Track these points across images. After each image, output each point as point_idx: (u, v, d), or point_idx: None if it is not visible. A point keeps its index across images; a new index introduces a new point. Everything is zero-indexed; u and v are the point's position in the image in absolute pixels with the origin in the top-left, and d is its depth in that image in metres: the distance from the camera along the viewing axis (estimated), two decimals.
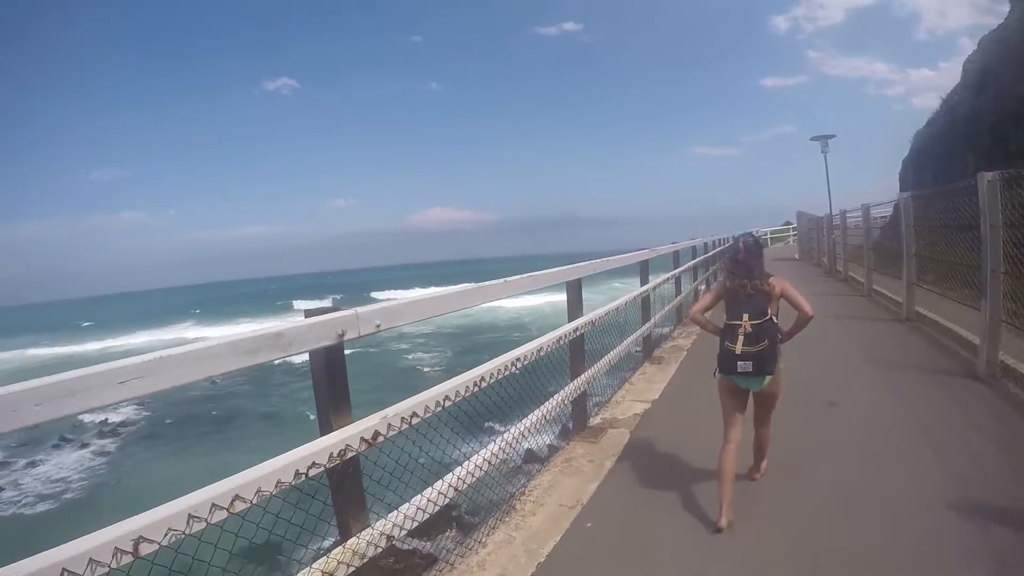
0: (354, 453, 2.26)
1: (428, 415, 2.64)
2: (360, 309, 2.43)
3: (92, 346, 42.56)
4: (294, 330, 2.20)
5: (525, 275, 3.93)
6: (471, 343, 26.10)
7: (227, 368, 1.91)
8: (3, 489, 12.98)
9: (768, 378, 3.20)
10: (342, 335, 2.35)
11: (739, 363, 3.13)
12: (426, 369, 22.49)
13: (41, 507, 12.07)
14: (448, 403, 2.80)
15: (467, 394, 2.97)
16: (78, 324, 65.25)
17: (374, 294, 56.83)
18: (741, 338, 3.13)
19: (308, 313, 2.33)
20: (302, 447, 2.08)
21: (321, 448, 2.13)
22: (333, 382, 2.35)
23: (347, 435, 2.24)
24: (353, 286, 77.62)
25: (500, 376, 3.30)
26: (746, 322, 3.14)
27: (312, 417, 2.57)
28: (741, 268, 3.25)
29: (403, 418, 2.49)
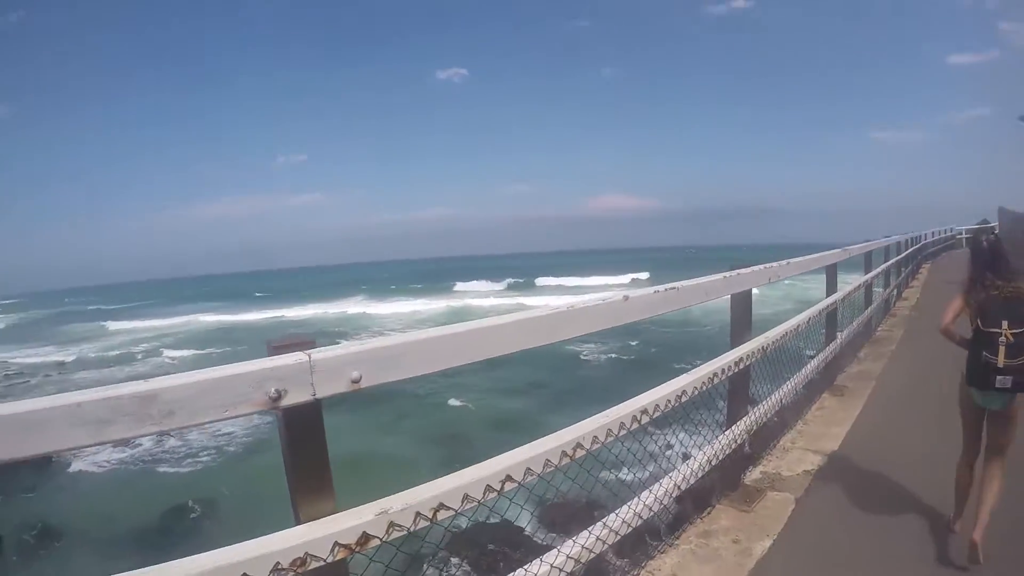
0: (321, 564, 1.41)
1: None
2: (319, 353, 1.48)
3: (258, 315, 46.83)
4: (178, 390, 1.18)
5: (662, 288, 2.59)
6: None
7: (62, 445, 1.20)
8: (171, 437, 14.15)
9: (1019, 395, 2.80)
10: (277, 397, 1.28)
11: (998, 378, 2.73)
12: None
13: (206, 457, 13.32)
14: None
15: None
16: (253, 294, 71.77)
17: (540, 280, 56.63)
18: (1003, 349, 2.72)
19: (272, 349, 1.49)
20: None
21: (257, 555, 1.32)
22: (296, 451, 1.54)
23: (313, 536, 1.41)
24: (524, 270, 75.87)
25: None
26: (1006, 330, 2.72)
27: None
28: (999, 267, 2.90)
29: (424, 512, 1.59)
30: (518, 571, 2.03)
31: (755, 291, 3.74)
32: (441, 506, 1.58)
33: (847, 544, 3.03)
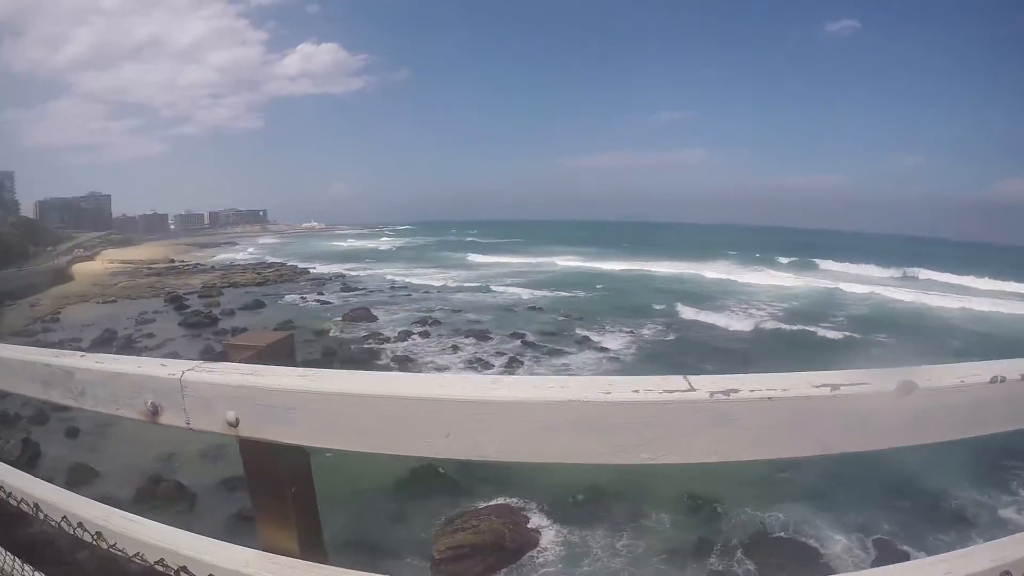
0: None
1: None
2: (193, 374, 1.20)
3: (618, 265, 49.29)
4: (87, 373, 1.21)
5: None
6: None
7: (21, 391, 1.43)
8: None
9: None
10: (155, 412, 1.20)
11: None
12: None
13: None
14: None
15: None
16: (620, 244, 77.13)
17: (922, 273, 46.82)
18: None
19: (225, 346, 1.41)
20: None
21: None
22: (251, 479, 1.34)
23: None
24: (902, 256, 62.48)
25: None
26: None
27: None
28: None
29: None
30: None
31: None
32: None
33: None
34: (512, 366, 18.56)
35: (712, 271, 44.49)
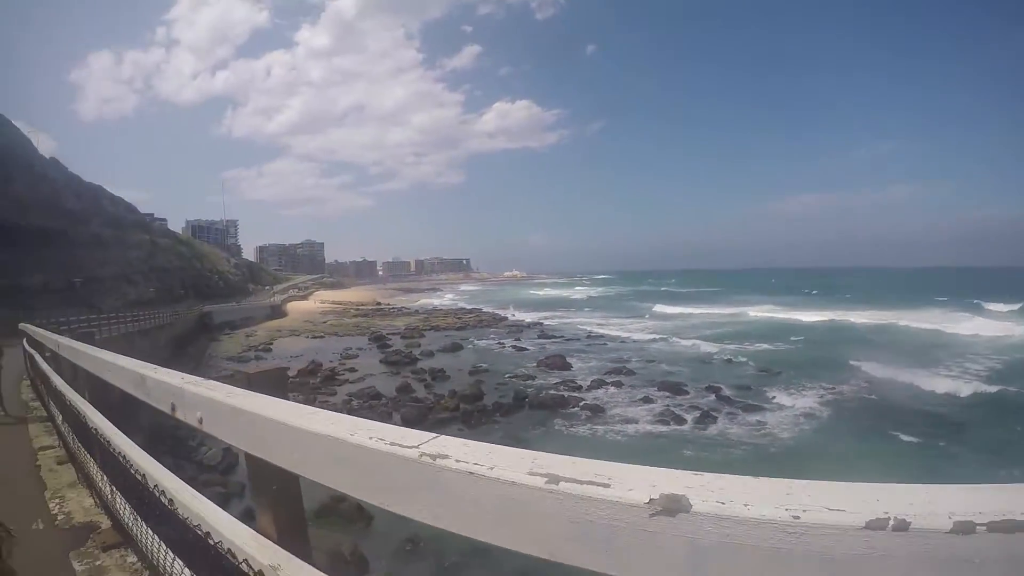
0: None
1: None
2: (189, 384, 1.90)
3: (814, 316, 46.15)
4: (152, 380, 2.04)
5: None
6: None
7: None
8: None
9: None
10: (172, 410, 1.99)
11: None
12: None
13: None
14: None
15: None
16: (808, 292, 72.03)
17: None
18: None
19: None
20: None
21: None
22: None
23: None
24: None
25: None
26: None
27: None
28: None
29: None
30: None
31: None
32: None
33: None
34: (704, 422, 18.01)
35: (918, 320, 40.35)
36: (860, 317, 44.07)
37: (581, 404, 20.37)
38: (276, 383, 1.81)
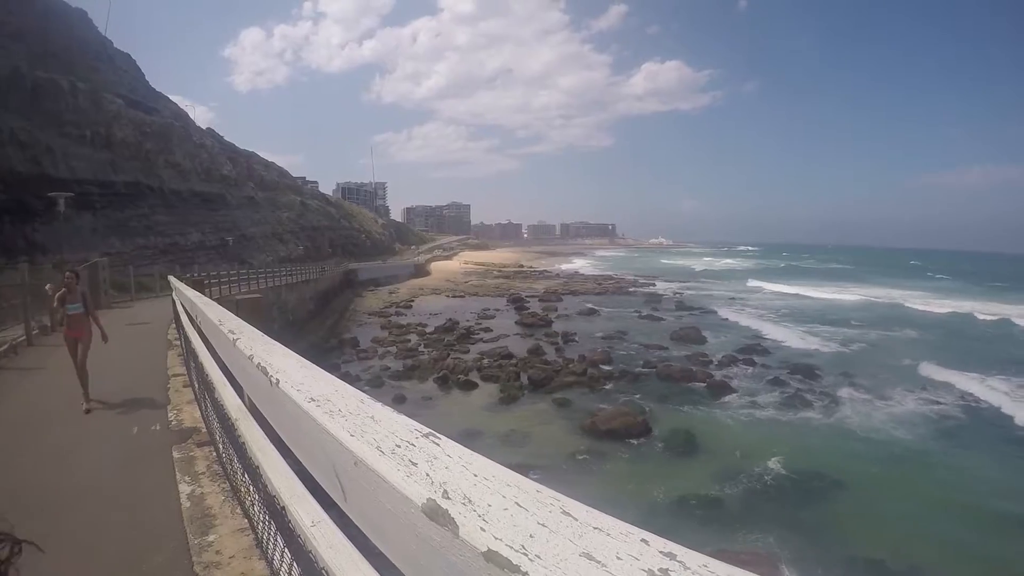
0: None
1: None
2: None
3: (932, 307, 41.67)
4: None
5: None
6: None
7: None
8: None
9: None
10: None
11: None
12: None
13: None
14: None
15: None
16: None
17: None
18: None
19: None
20: None
21: None
22: None
23: None
24: None
25: None
26: None
27: None
28: None
29: None
30: None
31: None
32: None
33: None
34: (832, 411, 17.32)
35: None
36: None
37: (709, 381, 20.05)
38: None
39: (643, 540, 0.61)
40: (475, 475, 0.78)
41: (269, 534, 2.11)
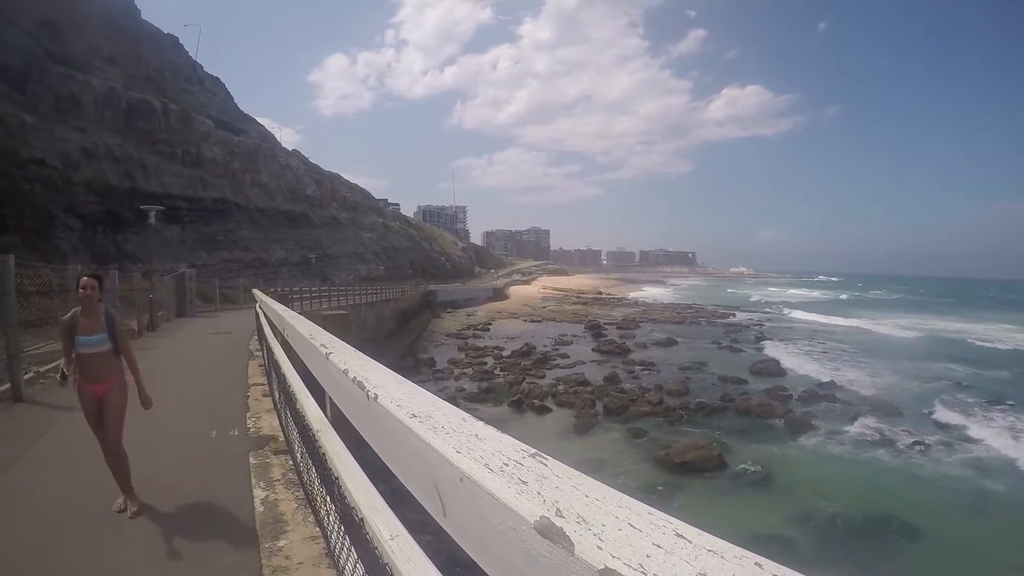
0: None
1: None
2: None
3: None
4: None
5: None
6: None
7: None
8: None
9: None
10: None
11: None
12: None
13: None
14: None
15: None
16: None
17: None
18: None
19: None
20: None
21: None
22: None
23: None
24: None
25: None
26: None
27: None
28: None
29: None
30: None
31: None
32: None
33: None
34: (916, 452, 16.43)
35: None
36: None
37: (787, 416, 19.49)
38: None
39: (757, 563, 0.63)
40: (586, 495, 0.79)
41: (343, 544, 2.17)
